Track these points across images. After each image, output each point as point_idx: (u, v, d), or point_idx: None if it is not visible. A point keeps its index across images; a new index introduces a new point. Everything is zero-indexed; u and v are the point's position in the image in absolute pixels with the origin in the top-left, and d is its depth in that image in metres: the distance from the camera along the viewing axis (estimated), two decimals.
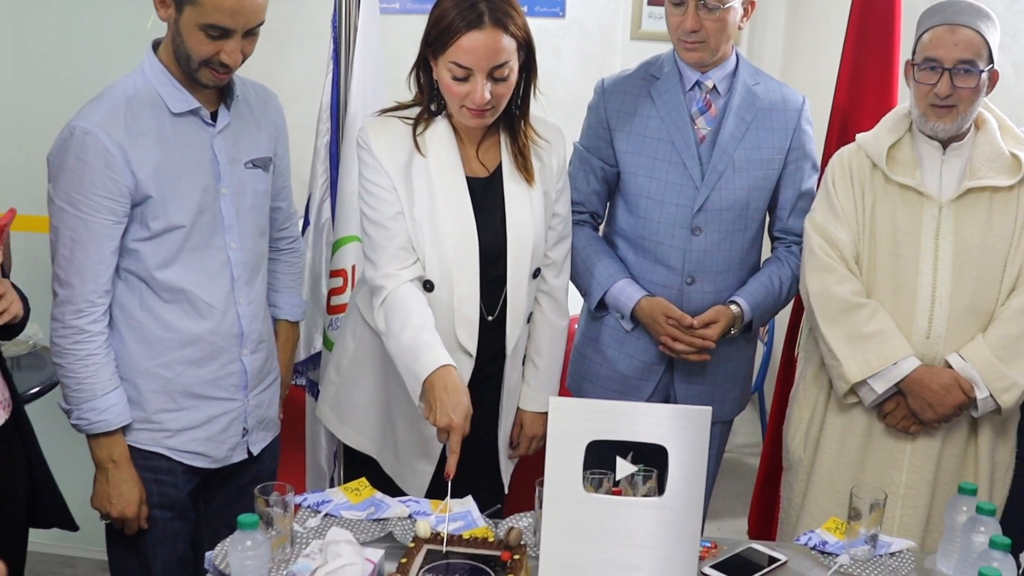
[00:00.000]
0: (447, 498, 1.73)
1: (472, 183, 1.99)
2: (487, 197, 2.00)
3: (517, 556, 1.62)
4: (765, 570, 1.74)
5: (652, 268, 2.27)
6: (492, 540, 1.68)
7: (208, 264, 1.95)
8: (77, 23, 2.89)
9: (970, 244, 2.07)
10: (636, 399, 2.28)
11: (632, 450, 1.64)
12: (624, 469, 1.65)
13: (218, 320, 1.97)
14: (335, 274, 2.57)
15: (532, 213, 2.02)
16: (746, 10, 2.19)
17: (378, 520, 1.83)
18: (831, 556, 1.79)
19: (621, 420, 1.57)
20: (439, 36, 1.87)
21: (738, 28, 2.19)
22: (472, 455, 1.89)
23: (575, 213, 2.26)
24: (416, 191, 1.95)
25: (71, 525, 1.98)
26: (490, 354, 2.05)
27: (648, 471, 1.77)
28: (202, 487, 2.08)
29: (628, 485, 1.77)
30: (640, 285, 2.27)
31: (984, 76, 2.03)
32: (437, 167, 1.96)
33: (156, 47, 1.91)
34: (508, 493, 2.20)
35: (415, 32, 1.94)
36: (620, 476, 1.66)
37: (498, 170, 2.02)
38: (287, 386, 2.32)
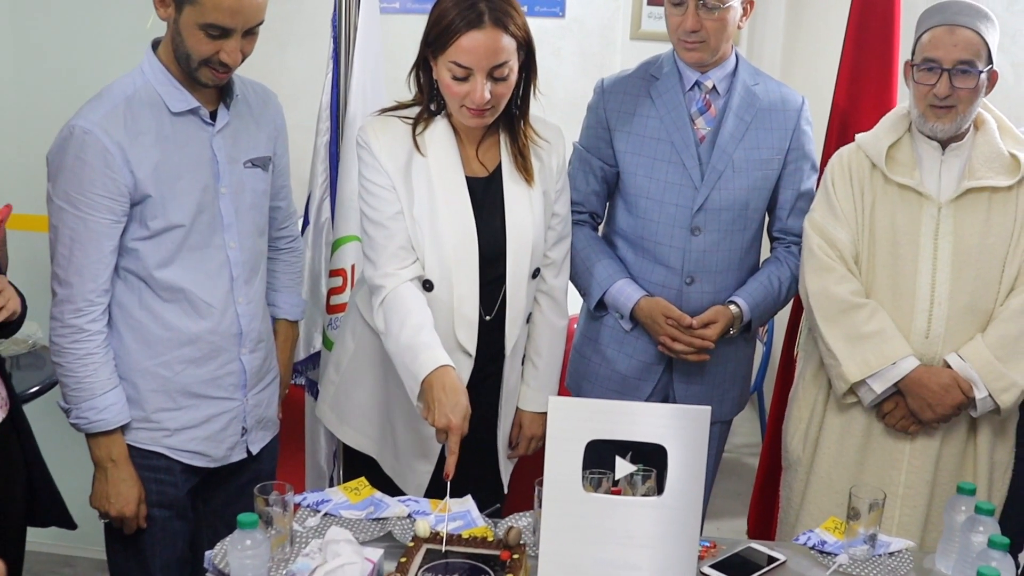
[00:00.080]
0: (446, 498, 1.73)
1: (472, 183, 1.99)
2: (487, 197, 2.00)
3: (516, 556, 1.62)
4: (764, 570, 1.74)
5: (651, 268, 2.27)
6: (491, 540, 1.68)
7: (207, 263, 1.95)
8: (77, 23, 2.88)
9: (969, 244, 2.08)
10: (635, 399, 2.28)
11: (631, 450, 1.64)
12: (623, 469, 1.64)
13: (217, 319, 1.97)
14: (334, 273, 2.56)
15: (532, 213, 2.02)
16: (745, 10, 2.19)
17: (377, 519, 1.83)
18: (830, 556, 1.79)
19: (620, 420, 1.57)
20: (439, 36, 1.87)
21: (737, 28, 2.19)
22: (471, 455, 1.89)
23: (574, 213, 2.26)
24: (416, 191, 1.95)
25: (70, 524, 1.98)
26: (489, 354, 2.05)
27: (647, 471, 1.77)
28: (201, 486, 2.08)
29: (627, 485, 1.77)
30: (639, 285, 2.28)
31: (983, 76, 2.03)
32: (437, 167, 1.96)
33: (156, 46, 1.91)
34: (507, 493, 2.20)
35: (415, 32, 1.94)
36: (619, 476, 1.66)
37: (498, 170, 2.02)
38: (286, 385, 2.32)
